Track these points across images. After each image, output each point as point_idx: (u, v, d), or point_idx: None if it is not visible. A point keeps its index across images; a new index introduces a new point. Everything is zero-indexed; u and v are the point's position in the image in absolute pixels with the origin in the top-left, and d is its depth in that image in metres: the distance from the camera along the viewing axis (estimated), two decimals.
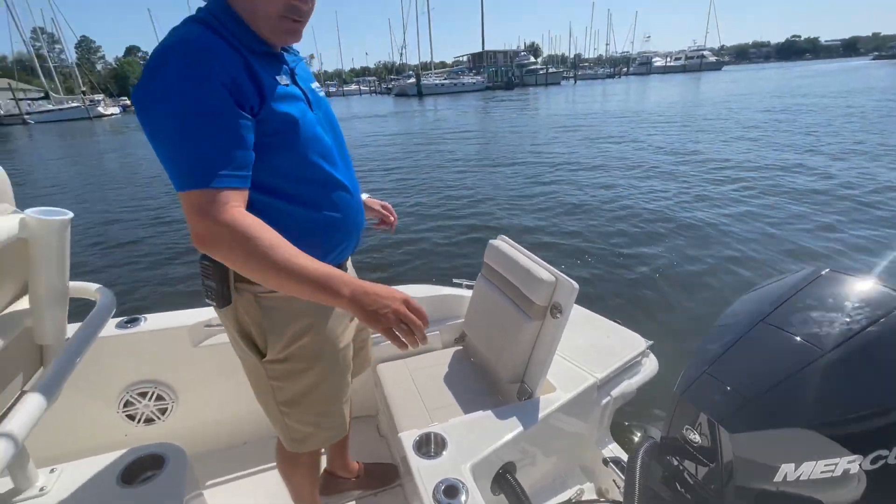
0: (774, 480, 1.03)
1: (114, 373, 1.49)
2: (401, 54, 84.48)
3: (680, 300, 3.53)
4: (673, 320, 3.26)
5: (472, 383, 1.57)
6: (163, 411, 1.59)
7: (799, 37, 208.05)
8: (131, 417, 1.56)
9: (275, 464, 1.29)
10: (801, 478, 1.01)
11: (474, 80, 57.27)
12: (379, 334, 0.78)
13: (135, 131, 25.06)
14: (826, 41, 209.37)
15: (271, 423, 1.10)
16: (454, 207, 6.26)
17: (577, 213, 5.70)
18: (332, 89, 78.31)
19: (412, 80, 55.75)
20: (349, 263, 1.16)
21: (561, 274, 1.34)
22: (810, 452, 1.02)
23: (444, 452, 1.13)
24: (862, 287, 1.18)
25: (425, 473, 1.07)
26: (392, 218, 1.34)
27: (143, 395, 1.55)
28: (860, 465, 1.01)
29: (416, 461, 1.11)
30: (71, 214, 0.84)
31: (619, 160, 8.89)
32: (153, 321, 1.53)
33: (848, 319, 1.13)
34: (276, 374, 0.97)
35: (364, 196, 1.21)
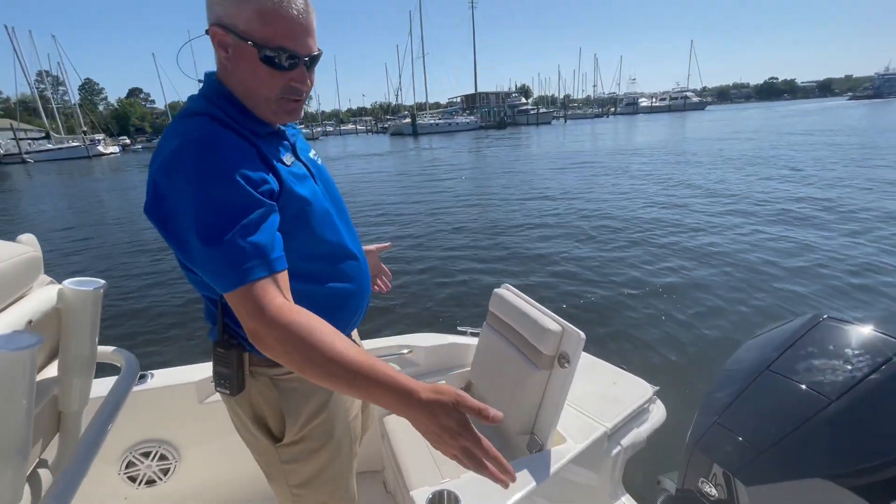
0: None
1: (119, 433, 1.46)
2: (396, 95, 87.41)
3: (681, 341, 3.53)
4: (676, 363, 3.25)
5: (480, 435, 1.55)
6: (165, 472, 1.55)
7: (776, 79, 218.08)
8: (132, 479, 1.51)
9: None
10: None
11: (468, 120, 59.16)
12: None
13: (135, 170, 25.37)
14: (802, 83, 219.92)
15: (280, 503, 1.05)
16: (456, 248, 6.30)
17: (576, 252, 5.78)
18: (330, 128, 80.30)
19: (408, 119, 57.49)
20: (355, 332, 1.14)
21: (567, 323, 1.37)
22: (827, 503, 1.02)
23: None
24: (860, 333, 1.22)
25: None
26: (385, 287, 1.33)
27: (147, 454, 1.51)
28: None
29: None
30: (104, 283, 0.86)
31: (616, 198, 9.09)
32: (160, 378, 1.52)
33: (850, 367, 1.15)
34: (289, 458, 0.93)
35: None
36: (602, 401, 1.57)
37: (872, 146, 15.57)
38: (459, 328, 1.88)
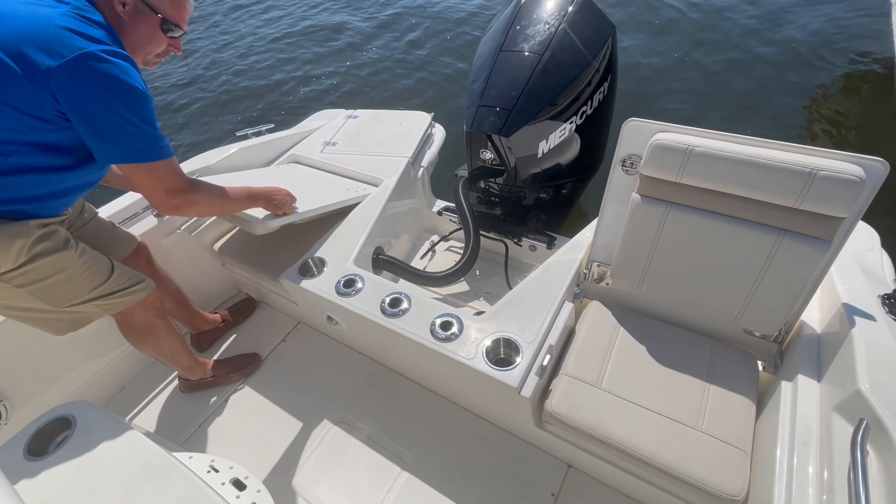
0: (538, 157, 1.48)
1: None
2: None
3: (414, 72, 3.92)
4: (430, 91, 3.67)
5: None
6: None
7: None
8: None
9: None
10: (551, 147, 1.48)
11: None
12: None
13: None
14: None
15: (88, 319, 1.10)
16: None
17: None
18: None
19: None
20: None
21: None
22: (550, 129, 1.47)
23: (325, 268, 1.28)
24: None
25: (321, 284, 1.22)
26: None
27: None
28: (576, 122, 1.51)
29: (305, 283, 1.24)
30: None
31: None
32: None
33: (548, 25, 1.49)
34: (27, 280, 0.95)
35: None
36: (396, 140, 1.77)
37: None
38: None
